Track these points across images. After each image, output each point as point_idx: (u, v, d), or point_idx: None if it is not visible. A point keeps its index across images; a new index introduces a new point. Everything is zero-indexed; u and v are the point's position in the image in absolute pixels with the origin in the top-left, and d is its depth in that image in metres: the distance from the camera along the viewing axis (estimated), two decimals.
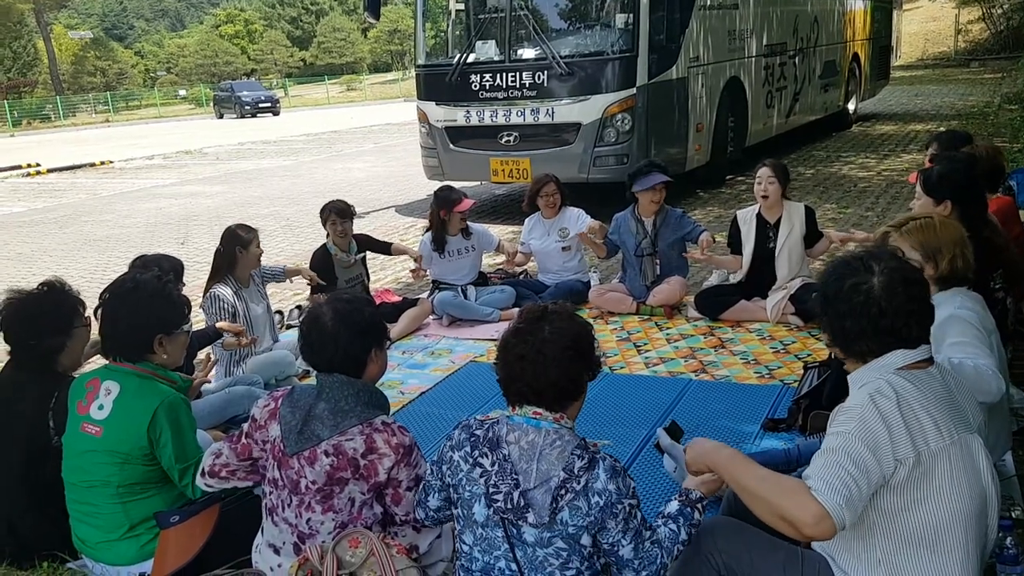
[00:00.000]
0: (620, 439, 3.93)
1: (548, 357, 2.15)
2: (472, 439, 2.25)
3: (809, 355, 4.83)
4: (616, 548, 2.17)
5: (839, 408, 2.09)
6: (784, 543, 2.25)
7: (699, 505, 2.31)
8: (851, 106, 15.41)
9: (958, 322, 2.79)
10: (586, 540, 2.16)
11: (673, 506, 2.32)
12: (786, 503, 1.93)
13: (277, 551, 2.55)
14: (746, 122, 11.02)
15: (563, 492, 2.12)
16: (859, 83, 15.57)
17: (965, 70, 27.75)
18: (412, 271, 6.08)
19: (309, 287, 5.73)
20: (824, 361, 4.07)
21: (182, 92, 57.65)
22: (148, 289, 2.95)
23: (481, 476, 2.19)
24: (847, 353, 2.17)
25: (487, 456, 2.20)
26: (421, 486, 2.46)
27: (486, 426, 2.26)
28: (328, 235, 5.81)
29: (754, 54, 11.07)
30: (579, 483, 2.12)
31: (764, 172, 5.36)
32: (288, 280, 5.64)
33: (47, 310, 3.22)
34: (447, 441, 2.32)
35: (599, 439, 3.90)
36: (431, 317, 6.00)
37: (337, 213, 5.79)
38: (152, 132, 32.62)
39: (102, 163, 20.45)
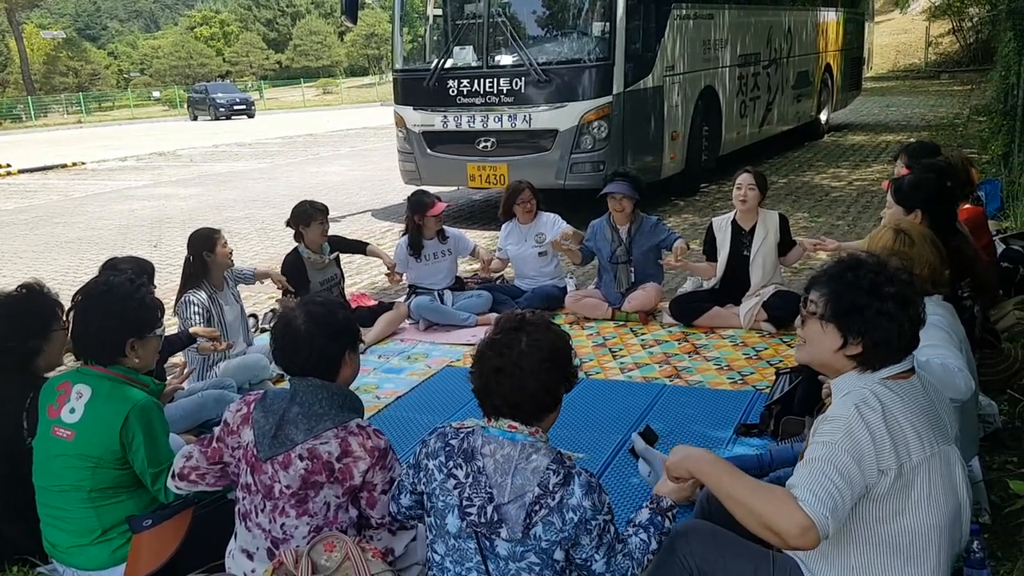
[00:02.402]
0: (595, 444, 3.95)
1: (525, 370, 2.14)
2: (447, 448, 2.23)
3: (781, 361, 4.88)
4: (589, 563, 2.17)
5: (823, 417, 2.10)
6: (756, 546, 2.27)
7: (669, 513, 2.32)
8: (823, 116, 15.58)
9: (927, 327, 2.83)
10: (559, 555, 2.15)
11: (644, 514, 2.32)
12: (772, 513, 1.93)
13: (251, 556, 2.54)
14: (720, 131, 11.11)
15: (537, 508, 2.11)
16: (831, 94, 15.75)
17: (935, 82, 28.16)
18: (388, 275, 6.06)
19: (282, 290, 5.67)
20: (796, 367, 4.11)
21: (156, 93, 57.05)
22: (120, 292, 2.92)
23: (455, 488, 2.18)
24: (876, 358, 2.10)
25: (461, 468, 2.18)
26: (395, 484, 2.45)
27: (461, 436, 2.24)
28: (303, 238, 5.67)
29: (728, 64, 11.17)
30: (554, 499, 2.11)
31: (745, 178, 5.42)
32: (259, 282, 5.58)
33: (26, 312, 3.19)
34: (422, 447, 2.31)
35: (574, 444, 3.91)
36: (407, 321, 6.00)
37: (323, 212, 5.69)
38: (125, 133, 32.25)
39: (74, 164, 20.20)
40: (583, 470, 2.19)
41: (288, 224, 5.74)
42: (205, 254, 4.79)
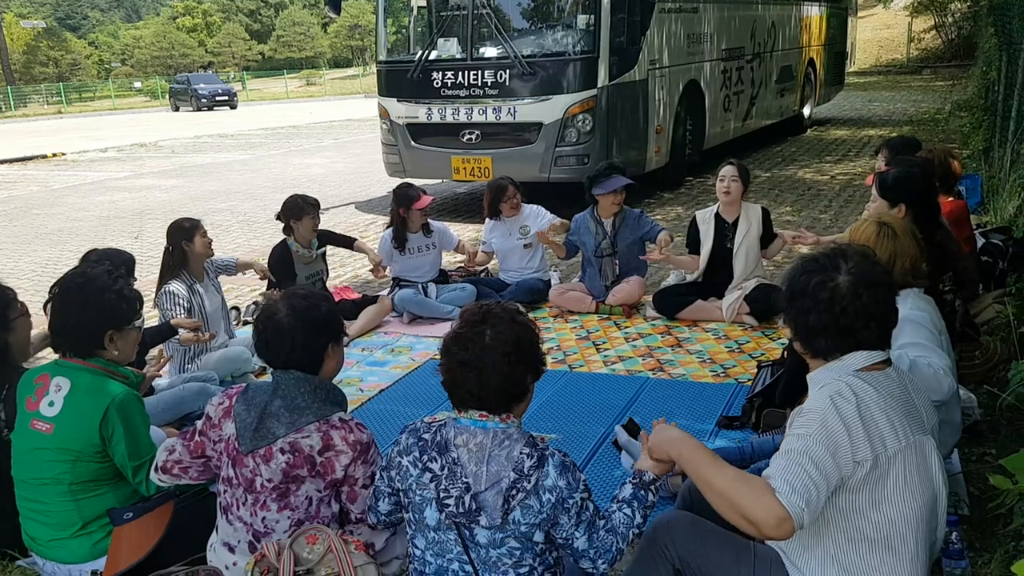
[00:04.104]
0: (578, 436, 3.96)
1: (489, 364, 2.14)
2: (420, 443, 2.23)
3: (763, 354, 4.91)
4: (571, 541, 2.18)
5: (799, 409, 2.11)
6: (738, 537, 2.28)
7: (652, 487, 2.31)
8: (806, 111, 15.64)
9: (910, 324, 2.85)
10: (539, 537, 2.16)
11: (627, 490, 2.31)
12: (749, 503, 1.94)
13: (232, 549, 2.53)
14: (704, 125, 11.14)
15: (514, 492, 2.11)
16: (814, 88, 15.81)
17: (917, 77, 28.30)
18: (373, 267, 6.02)
19: (266, 281, 5.64)
20: (777, 360, 4.14)
21: (137, 84, 56.51)
22: (98, 284, 2.90)
23: (431, 481, 2.18)
24: (807, 349, 2.18)
25: (436, 460, 2.18)
26: (371, 491, 2.44)
27: (433, 429, 2.24)
28: (293, 232, 5.61)
29: (712, 58, 11.20)
30: (529, 482, 2.12)
31: (728, 170, 5.44)
32: (241, 273, 5.54)
33: None
34: (394, 447, 2.30)
35: (548, 434, 3.93)
36: (391, 315, 5.98)
37: (315, 207, 5.63)
38: (106, 124, 31.93)
39: (54, 155, 20.00)
40: (556, 451, 2.20)
41: (278, 217, 5.69)
42: (184, 244, 4.76)
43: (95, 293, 2.87)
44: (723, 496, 2.01)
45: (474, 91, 8.96)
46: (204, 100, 38.91)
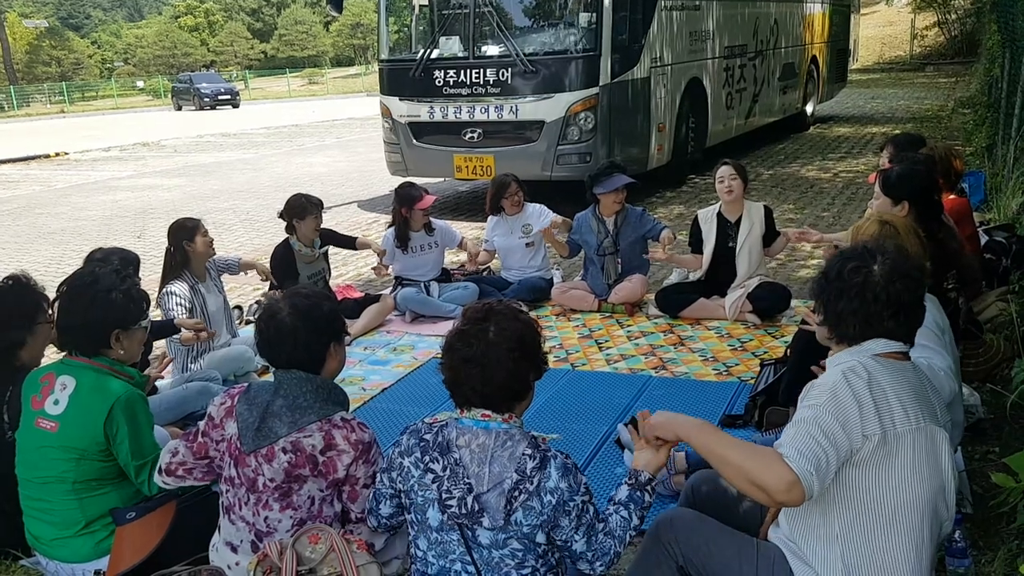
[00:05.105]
0: (581, 435, 3.96)
1: (493, 360, 2.14)
2: (422, 444, 2.23)
3: (766, 352, 4.91)
4: (569, 543, 2.19)
5: (812, 384, 2.15)
6: (741, 534, 2.29)
7: (648, 487, 2.32)
8: (809, 108, 15.61)
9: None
10: (541, 538, 2.16)
11: (623, 491, 2.32)
12: (759, 469, 1.97)
13: (235, 549, 2.53)
14: (707, 123, 11.13)
15: (516, 494, 2.11)
16: (817, 85, 15.78)
17: (920, 74, 28.24)
18: (375, 268, 6.02)
19: (268, 282, 5.64)
20: (780, 358, 4.14)
21: (140, 83, 56.56)
22: (106, 284, 2.91)
23: (433, 482, 2.18)
24: (834, 334, 2.21)
25: (438, 461, 2.18)
26: (372, 494, 2.44)
27: (435, 430, 2.24)
28: (295, 231, 5.60)
29: (715, 55, 11.18)
30: (532, 484, 2.12)
31: (725, 170, 5.43)
32: (243, 273, 5.54)
33: (10, 303, 3.16)
34: (395, 447, 2.30)
35: (550, 433, 3.92)
36: (393, 313, 5.98)
37: (319, 207, 5.62)
38: (109, 123, 31.95)
39: (57, 154, 20.03)
40: (558, 452, 2.20)
41: (281, 216, 5.69)
42: (185, 244, 4.76)
43: (102, 292, 2.88)
44: (733, 465, 2.03)
45: (476, 89, 8.96)
46: (207, 99, 38.96)
